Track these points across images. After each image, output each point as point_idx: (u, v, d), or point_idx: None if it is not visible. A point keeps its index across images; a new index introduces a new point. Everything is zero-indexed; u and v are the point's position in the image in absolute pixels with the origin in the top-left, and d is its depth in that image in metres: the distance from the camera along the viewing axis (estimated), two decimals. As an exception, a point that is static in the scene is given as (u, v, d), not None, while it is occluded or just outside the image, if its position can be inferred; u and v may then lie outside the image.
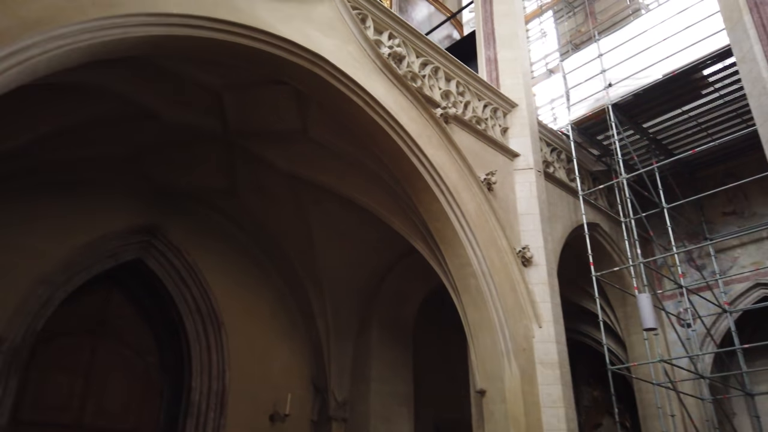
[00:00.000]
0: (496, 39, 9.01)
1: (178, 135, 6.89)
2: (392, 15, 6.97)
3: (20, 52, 3.70)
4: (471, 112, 7.56)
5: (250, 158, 7.37)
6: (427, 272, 7.91)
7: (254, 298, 8.75)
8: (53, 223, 7.02)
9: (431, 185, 6.51)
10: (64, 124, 5.95)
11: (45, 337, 7.33)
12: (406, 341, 9.18)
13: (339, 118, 6.32)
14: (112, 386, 7.73)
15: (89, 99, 5.82)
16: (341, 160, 7.02)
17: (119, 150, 7.01)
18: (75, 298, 7.70)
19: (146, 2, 4.46)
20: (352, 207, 7.64)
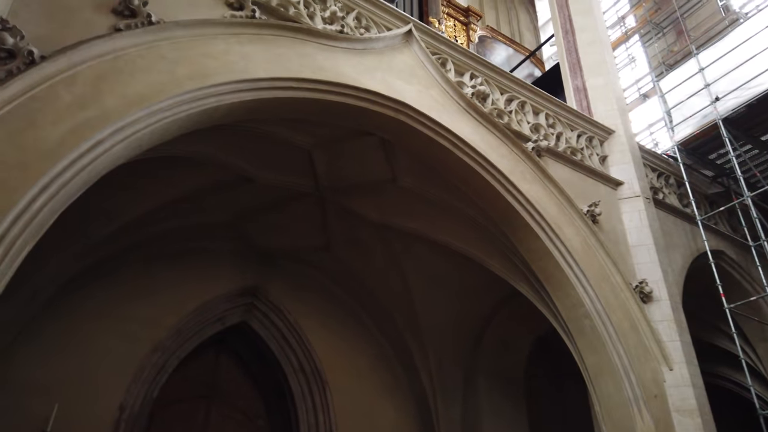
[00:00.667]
0: (582, 68, 8.69)
1: (274, 196, 7.09)
2: (472, 55, 6.92)
3: (126, 128, 3.94)
4: (564, 143, 7.21)
5: (343, 212, 7.42)
6: (534, 316, 7.41)
7: (355, 353, 8.62)
8: (165, 292, 7.36)
9: (530, 222, 6.17)
10: (168, 196, 6.30)
11: (161, 404, 7.59)
12: (517, 392, 8.57)
13: (427, 162, 6.22)
14: (224, 452, 7.79)
15: (190, 169, 6.15)
16: (432, 206, 6.87)
17: (220, 216, 7.33)
18: (186, 364, 7.95)
19: (236, 71, 4.67)
20: (448, 252, 7.41)
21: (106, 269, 6.96)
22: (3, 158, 3.35)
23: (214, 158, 6.01)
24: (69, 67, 3.81)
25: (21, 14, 3.80)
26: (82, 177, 3.73)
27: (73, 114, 3.70)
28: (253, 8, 5.03)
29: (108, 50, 4.03)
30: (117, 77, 4.00)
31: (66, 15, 4.01)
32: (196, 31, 4.58)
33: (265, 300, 8.22)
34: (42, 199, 3.45)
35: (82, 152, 3.68)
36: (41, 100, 3.62)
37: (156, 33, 4.33)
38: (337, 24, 5.71)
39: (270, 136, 5.92)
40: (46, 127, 3.57)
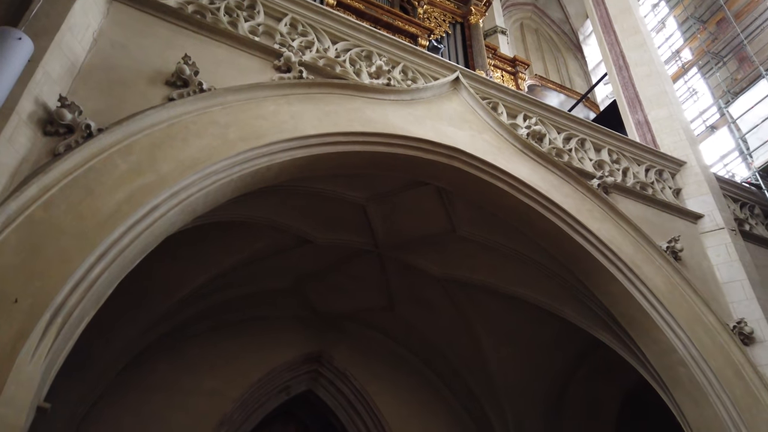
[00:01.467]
0: (641, 101, 8.35)
1: (332, 257, 6.99)
2: (523, 96, 6.76)
3: (180, 192, 3.94)
4: (633, 179, 6.80)
5: (403, 269, 7.20)
6: (621, 367, 6.79)
7: (427, 419, 8.12)
8: (229, 363, 7.27)
9: (604, 263, 5.71)
10: (226, 264, 6.30)
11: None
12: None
13: (486, 208, 5.96)
14: None
15: (246, 234, 6.16)
16: (496, 254, 6.54)
17: (280, 282, 7.27)
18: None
19: (286, 130, 4.68)
20: (518, 303, 6.99)
21: (168, 342, 6.96)
22: (62, 228, 3.38)
23: (270, 221, 6.00)
24: (125, 137, 3.89)
25: (79, 92, 3.97)
26: (139, 244, 3.72)
27: (129, 181, 3.75)
28: (300, 69, 5.11)
29: (162, 119, 4.13)
30: (171, 143, 4.06)
31: (122, 90, 4.16)
32: (246, 95, 4.66)
33: (330, 366, 7.97)
34: (99, 267, 3.43)
35: (138, 218, 3.68)
36: (98, 171, 3.68)
37: (208, 99, 4.42)
38: (384, 78, 5.72)
39: (324, 194, 5.87)
40: (103, 195, 3.61)
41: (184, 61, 4.40)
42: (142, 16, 4.68)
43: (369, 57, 5.91)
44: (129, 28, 4.53)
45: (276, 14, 5.58)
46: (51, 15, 3.94)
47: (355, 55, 5.80)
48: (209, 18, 5.02)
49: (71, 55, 4.00)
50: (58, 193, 3.48)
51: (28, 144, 3.54)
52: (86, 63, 4.13)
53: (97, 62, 4.19)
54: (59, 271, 3.25)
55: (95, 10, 4.35)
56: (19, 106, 3.46)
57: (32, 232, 3.30)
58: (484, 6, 12.68)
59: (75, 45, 4.06)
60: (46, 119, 3.68)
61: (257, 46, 5.08)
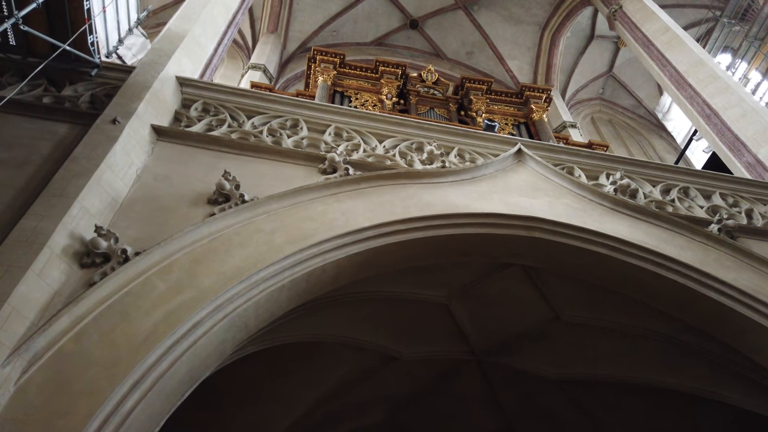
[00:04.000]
0: (745, 142, 7.39)
1: (425, 375, 6.19)
2: (602, 155, 6.10)
3: (225, 305, 3.58)
4: (761, 220, 5.67)
5: (511, 377, 6.19)
6: None
7: None
8: None
9: (754, 317, 4.50)
10: (309, 398, 5.72)
11: None
12: None
13: (587, 280, 5.06)
14: None
15: (326, 361, 5.60)
16: (616, 337, 5.46)
17: (374, 415, 6.47)
18: None
19: (337, 227, 4.31)
20: (661, 396, 5.67)
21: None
22: (93, 359, 3.05)
23: (345, 339, 5.43)
24: (164, 257, 3.68)
25: (120, 223, 3.90)
26: (182, 367, 3.30)
27: (167, 300, 3.44)
28: (346, 167, 4.88)
29: (203, 235, 3.91)
30: (212, 257, 3.80)
31: (164, 215, 4.06)
32: (292, 200, 4.42)
33: None
34: (134, 397, 3.01)
35: (178, 338, 3.31)
36: (136, 294, 3.43)
37: (251, 210, 4.21)
38: (438, 162, 5.36)
39: (397, 297, 5.29)
40: (139, 319, 3.30)
41: (224, 177, 4.30)
42: (186, 149, 4.75)
43: (420, 148, 5.63)
44: (173, 160, 4.58)
45: (320, 127, 5.54)
46: (91, 157, 4.04)
47: (405, 148, 5.55)
48: (252, 140, 5.04)
49: (111, 191, 4.01)
50: (92, 323, 3.22)
51: (62, 278, 3.39)
52: (128, 197, 4.12)
53: (139, 195, 4.17)
54: (86, 406, 2.86)
55: (138, 150, 4.45)
56: (51, 240, 3.37)
57: (60, 368, 2.99)
58: (545, 103, 12.50)
59: (116, 182, 4.09)
60: (83, 252, 3.56)
61: (301, 155, 4.96)
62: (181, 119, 5.11)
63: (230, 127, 5.18)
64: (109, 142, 4.17)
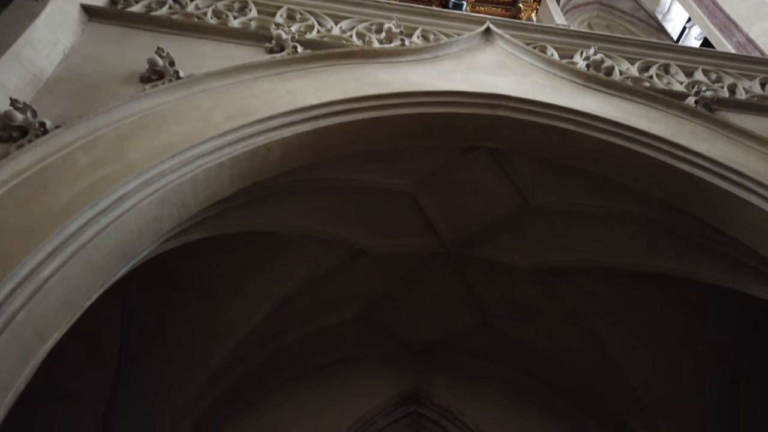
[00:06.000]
0: (736, 21, 6.93)
1: (397, 270, 6.09)
2: (578, 33, 5.72)
3: (156, 179, 3.37)
4: (744, 94, 5.35)
5: (485, 270, 6.08)
6: None
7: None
8: (312, 415, 6.46)
9: (728, 188, 4.29)
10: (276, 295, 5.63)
11: None
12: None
13: (555, 160, 4.83)
14: None
15: (292, 255, 5.48)
16: (588, 221, 5.28)
17: (348, 312, 6.45)
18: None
19: (282, 104, 4.05)
20: (634, 281, 5.57)
21: (245, 400, 6.30)
22: (6, 228, 2.89)
23: (309, 231, 5.27)
24: (89, 132, 3.45)
25: (43, 100, 3.67)
26: (108, 240, 3.14)
27: (90, 173, 3.24)
28: (294, 45, 4.56)
29: (133, 111, 3.66)
30: (143, 133, 3.57)
31: (91, 93, 3.81)
32: (233, 79, 4.12)
33: (432, 405, 6.83)
34: (52, 265, 2.87)
35: (102, 209, 3.12)
36: (56, 167, 3.22)
37: (187, 87, 3.94)
38: (397, 41, 5.01)
39: (358, 186, 5.07)
40: (58, 190, 3.11)
41: (157, 53, 4.00)
42: (121, 30, 4.44)
43: (380, 30, 5.27)
44: (105, 41, 4.29)
45: (270, 9, 5.16)
46: (8, 32, 3.75)
47: (363, 29, 5.19)
48: (195, 21, 4.69)
49: (33, 68, 3.75)
50: (6, 194, 3.02)
51: (-28, 155, 3.19)
52: (53, 76, 3.87)
53: (66, 74, 3.91)
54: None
55: (65, 29, 4.14)
56: (-43, 111, 3.15)
57: (-30, 239, 2.84)
58: (534, 2, 11.86)
59: (39, 60, 3.82)
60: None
61: (246, 35, 4.64)
62: (118, 2, 4.76)
63: (171, 8, 4.82)
64: (30, 18, 3.87)
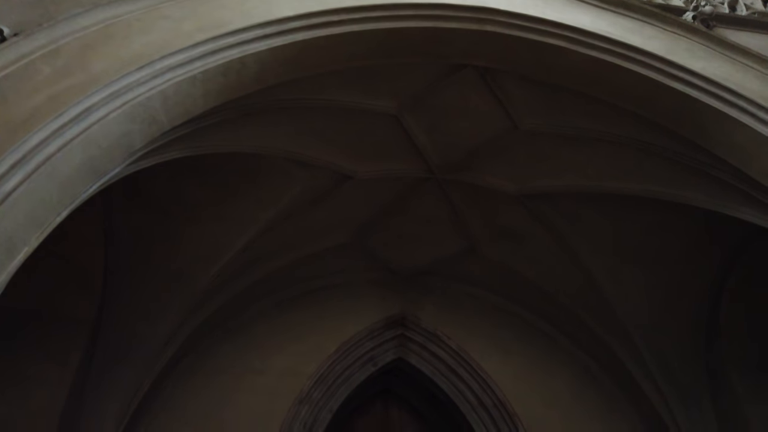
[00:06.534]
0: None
1: (384, 195, 6.02)
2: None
3: (123, 93, 3.22)
4: (744, 10, 5.13)
5: (472, 195, 6.02)
6: None
7: (545, 375, 6.78)
8: (299, 338, 6.57)
9: (721, 108, 4.17)
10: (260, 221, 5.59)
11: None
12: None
13: (545, 81, 4.67)
14: None
15: (275, 179, 5.40)
16: (577, 144, 5.17)
17: (336, 238, 6.44)
18: (352, 424, 6.89)
19: (256, 15, 3.84)
20: (622, 205, 5.56)
21: (231, 324, 6.43)
22: (-36, 141, 2.77)
23: (291, 154, 5.15)
24: (51, 41, 3.26)
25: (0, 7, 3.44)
26: (75, 154, 3.02)
27: (53, 84, 3.08)
28: (271, -48, 4.27)
29: (98, 20, 3.46)
30: (108, 42, 3.38)
31: (54, 0, 3.58)
32: (206, -13, 3.90)
33: (418, 329, 6.94)
34: (16, 178, 2.77)
35: (66, 122, 2.99)
36: (15, 78, 3.05)
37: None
38: (381, -50, 4.71)
39: (340, 106, 4.90)
40: (18, 101, 2.97)
41: (123, -42, 3.74)
42: (84, -65, 4.14)
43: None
44: (66, -54, 4.00)
45: None
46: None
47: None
48: (164, -74, 4.37)
49: (-12, -28, 3.50)
50: (-38, 107, 2.91)
51: None
52: (11, -19, 3.62)
53: (26, -20, 3.66)
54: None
55: (23, -69, 3.85)
56: None
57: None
58: None
59: (-5, -37, 3.56)
60: (-52, 35, 3.15)
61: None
62: None
63: None
64: None
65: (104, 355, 5.26)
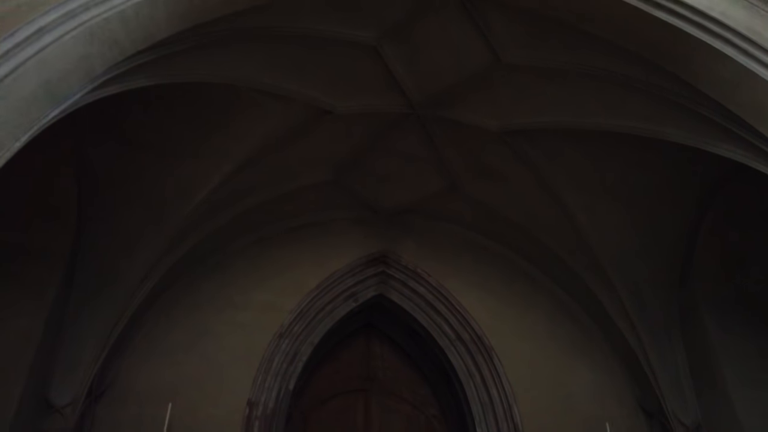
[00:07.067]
0: None
1: (364, 131, 5.92)
2: None
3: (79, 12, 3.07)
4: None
5: (453, 132, 5.93)
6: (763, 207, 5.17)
7: (523, 311, 6.94)
8: (280, 274, 6.67)
9: (705, 38, 4.05)
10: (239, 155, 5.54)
11: (312, 402, 6.73)
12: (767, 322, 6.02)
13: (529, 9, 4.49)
14: (396, 451, 6.60)
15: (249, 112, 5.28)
16: (560, 80, 5.04)
17: (317, 175, 6.39)
18: (335, 355, 7.07)
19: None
20: (602, 143, 5.52)
21: (213, 259, 6.48)
22: None
23: (266, 86, 5.01)
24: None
25: None
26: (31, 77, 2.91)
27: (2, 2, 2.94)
28: None
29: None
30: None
31: None
32: None
33: (399, 266, 7.01)
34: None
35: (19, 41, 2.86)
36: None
37: None
38: None
39: (316, 36, 4.72)
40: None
41: None
42: None
43: None
44: None
45: None
46: None
47: None
48: None
49: None
50: None
51: None
52: None
53: None
54: None
55: None
56: None
57: None
58: None
59: None
60: None
61: None
62: None
63: None
64: None
65: (83, 288, 5.29)
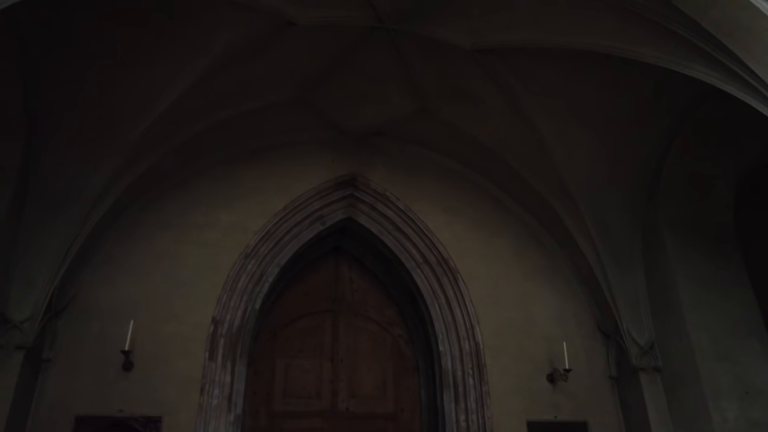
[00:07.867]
0: None
1: (331, 46, 5.64)
2: None
3: None
4: None
5: (425, 50, 5.68)
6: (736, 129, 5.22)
7: (490, 235, 7.00)
8: (246, 195, 6.56)
9: (684, -52, 3.87)
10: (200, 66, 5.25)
11: (282, 322, 6.82)
12: (726, 246, 6.16)
13: None
14: (362, 367, 6.76)
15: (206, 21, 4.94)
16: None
17: (282, 92, 6.16)
18: (303, 277, 7.09)
19: None
20: (576, 64, 5.37)
21: (177, 179, 6.33)
22: None
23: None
24: None
25: None
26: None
27: None
28: None
29: None
30: None
31: None
32: None
33: (368, 189, 6.94)
34: None
35: None
36: None
37: None
38: None
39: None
40: None
41: None
42: None
43: None
44: None
45: None
46: None
47: None
48: None
49: None
50: None
51: None
52: None
53: None
54: None
55: None
56: None
57: None
58: None
59: None
60: None
61: None
62: None
63: None
64: None
65: (38, 205, 5.12)
